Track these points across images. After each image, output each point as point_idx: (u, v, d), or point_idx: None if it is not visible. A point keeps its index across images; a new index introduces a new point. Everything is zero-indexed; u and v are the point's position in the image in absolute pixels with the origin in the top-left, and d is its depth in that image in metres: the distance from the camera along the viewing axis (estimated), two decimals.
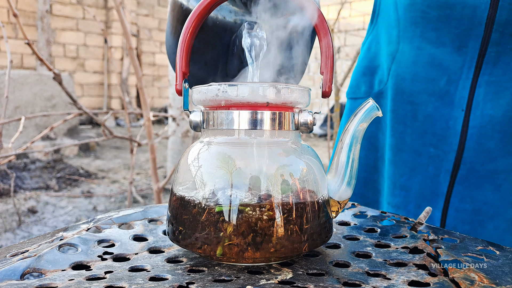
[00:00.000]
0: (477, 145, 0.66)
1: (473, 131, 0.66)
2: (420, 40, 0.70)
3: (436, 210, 0.71)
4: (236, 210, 0.41)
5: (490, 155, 0.66)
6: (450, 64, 0.67)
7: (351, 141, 0.47)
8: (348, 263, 0.45)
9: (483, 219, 0.68)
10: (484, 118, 0.65)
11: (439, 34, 0.68)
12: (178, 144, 3.67)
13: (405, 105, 0.74)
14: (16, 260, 0.42)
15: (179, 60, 0.47)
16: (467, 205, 0.68)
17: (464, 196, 0.68)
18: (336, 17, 3.13)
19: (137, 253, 0.47)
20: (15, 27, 7.90)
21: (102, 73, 9.33)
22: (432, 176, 0.71)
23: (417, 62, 0.71)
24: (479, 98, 0.66)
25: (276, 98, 0.43)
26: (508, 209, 0.66)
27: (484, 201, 0.67)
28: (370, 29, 0.85)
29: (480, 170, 0.67)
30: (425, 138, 0.72)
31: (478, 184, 0.67)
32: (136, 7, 9.57)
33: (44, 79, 4.99)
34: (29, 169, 4.09)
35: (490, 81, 0.65)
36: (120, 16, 1.64)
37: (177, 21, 0.57)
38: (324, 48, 0.45)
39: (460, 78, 0.67)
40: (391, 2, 0.77)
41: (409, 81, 0.72)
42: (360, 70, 0.85)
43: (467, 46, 0.66)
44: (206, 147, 0.45)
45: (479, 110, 0.66)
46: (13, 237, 2.66)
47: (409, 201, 0.74)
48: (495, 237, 0.67)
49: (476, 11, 0.64)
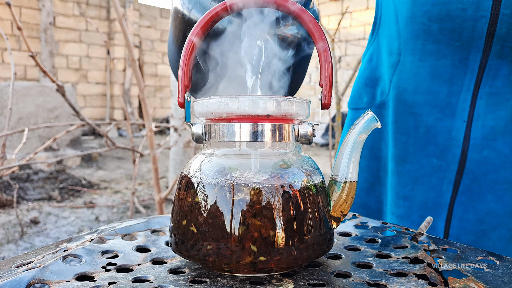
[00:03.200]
0: (479, 156, 0.67)
1: (475, 142, 0.67)
2: (421, 52, 0.71)
3: (439, 220, 0.71)
4: (237, 221, 0.41)
5: (492, 166, 0.67)
6: (451, 76, 0.68)
7: (350, 153, 0.47)
8: (349, 273, 0.45)
9: (486, 229, 0.68)
10: (485, 129, 0.66)
11: (440, 47, 0.69)
12: (180, 155, 3.68)
13: (407, 116, 0.75)
14: (21, 271, 0.43)
15: (181, 74, 0.48)
16: (470, 215, 0.69)
17: (467, 206, 0.69)
18: (337, 27, 3.15)
19: (140, 264, 0.47)
20: (18, 39, 7.97)
21: (105, 84, 9.39)
22: (435, 187, 0.72)
23: (418, 74, 0.72)
24: (480, 110, 0.66)
25: (277, 111, 0.44)
26: (510, 219, 0.66)
27: (487, 211, 0.67)
28: (371, 41, 0.86)
29: (482, 180, 0.67)
30: (427, 149, 0.72)
31: (481, 194, 0.68)
32: (139, 19, 9.66)
33: (47, 90, 5.02)
34: (32, 180, 4.10)
35: (491, 92, 0.66)
36: (123, 28, 1.66)
37: (179, 31, 0.58)
38: (323, 61, 0.45)
39: (462, 90, 0.67)
40: (392, 15, 0.77)
41: (411, 93, 0.73)
42: (362, 81, 0.86)
43: (468, 59, 0.67)
44: (208, 159, 0.46)
45: (481, 121, 0.66)
46: (15, 248, 2.66)
47: (413, 211, 0.74)
48: (498, 246, 0.68)
49: (477, 24, 0.65)
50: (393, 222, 0.78)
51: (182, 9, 0.56)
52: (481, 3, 0.64)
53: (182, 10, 0.56)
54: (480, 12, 0.64)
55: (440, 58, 0.69)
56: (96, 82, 9.28)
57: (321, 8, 5.18)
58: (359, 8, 7.81)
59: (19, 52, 7.95)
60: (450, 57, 0.68)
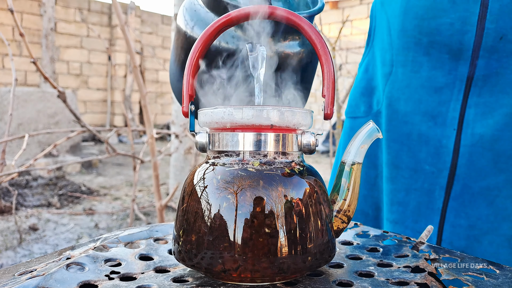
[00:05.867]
0: (469, 163, 0.69)
1: (464, 149, 0.70)
2: (413, 63, 0.74)
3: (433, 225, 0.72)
4: (241, 230, 0.42)
5: (482, 173, 0.69)
6: (441, 87, 0.71)
7: (352, 163, 0.48)
8: (351, 282, 0.45)
9: (478, 234, 0.70)
10: (474, 137, 0.69)
11: (430, 59, 0.72)
12: (180, 161, 3.68)
13: (400, 124, 0.77)
14: (25, 279, 0.43)
15: (185, 83, 0.48)
16: (462, 220, 0.71)
17: (459, 212, 0.71)
18: (338, 35, 3.17)
19: (143, 273, 0.47)
20: (19, 45, 8.00)
21: (105, 90, 9.41)
22: (428, 192, 0.74)
23: (410, 85, 0.75)
24: (469, 118, 0.69)
25: (280, 121, 0.44)
26: (501, 224, 0.68)
27: (478, 216, 0.69)
28: (367, 52, 0.89)
29: (473, 186, 0.69)
30: (419, 156, 0.74)
31: (472, 200, 0.70)
32: (140, 25, 9.70)
33: (47, 96, 5.03)
34: (31, 186, 4.10)
35: (479, 102, 0.68)
36: (125, 35, 1.67)
37: (181, 49, 0.58)
38: (326, 72, 0.46)
39: (451, 99, 0.70)
40: (385, 27, 0.80)
41: (403, 102, 0.76)
42: (359, 90, 0.88)
43: (457, 70, 0.70)
44: (211, 168, 0.46)
45: (470, 129, 0.69)
46: (13, 255, 2.65)
47: (407, 217, 0.77)
48: (490, 251, 0.69)
49: (464, 37, 0.68)
50: (388, 227, 0.80)
51: (185, 27, 0.56)
52: (468, 18, 0.67)
53: (184, 28, 0.57)
54: (466, 27, 0.68)
55: (430, 70, 0.72)
56: (97, 88, 9.30)
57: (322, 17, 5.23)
58: (359, 17, 7.86)
59: (20, 58, 7.98)
60: (440, 69, 0.71)
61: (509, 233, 0.68)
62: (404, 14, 0.75)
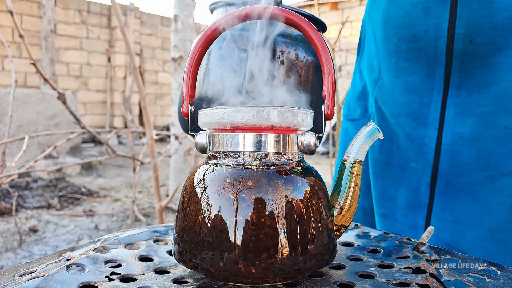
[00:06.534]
0: (450, 160, 0.73)
1: (446, 147, 0.74)
2: (395, 69, 0.79)
3: (419, 220, 0.77)
4: (241, 231, 0.42)
5: (463, 169, 0.72)
6: (422, 89, 0.76)
7: (353, 163, 0.48)
8: (352, 283, 0.45)
9: (462, 228, 0.73)
10: (454, 136, 0.73)
11: (410, 64, 0.77)
12: (180, 163, 3.68)
13: (389, 125, 0.82)
14: (25, 280, 0.43)
15: (185, 84, 0.48)
16: (448, 215, 0.74)
17: (445, 207, 0.74)
18: (337, 36, 3.17)
19: (143, 274, 0.47)
20: (19, 46, 8.00)
21: (105, 92, 9.41)
22: (415, 188, 0.78)
23: (394, 89, 0.80)
24: (449, 118, 0.73)
25: (280, 121, 0.44)
26: (484, 218, 0.71)
27: (463, 211, 0.73)
28: (358, 59, 0.94)
29: (456, 182, 0.73)
30: (407, 154, 0.79)
31: (456, 196, 0.73)
32: (140, 27, 9.71)
33: (47, 97, 5.03)
34: (31, 187, 4.10)
35: (457, 102, 0.72)
36: (125, 37, 1.67)
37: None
38: (326, 73, 0.46)
39: (431, 101, 0.75)
40: (371, 36, 0.86)
41: (390, 105, 0.81)
42: (355, 94, 0.93)
43: (434, 73, 0.74)
44: (211, 169, 0.46)
45: (450, 128, 0.73)
46: (14, 256, 2.65)
47: (396, 211, 0.82)
48: (475, 245, 0.72)
49: (437, 43, 0.73)
50: (378, 221, 0.85)
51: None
52: (440, 24, 0.72)
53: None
54: (439, 33, 0.72)
55: (411, 74, 0.77)
56: (97, 90, 9.30)
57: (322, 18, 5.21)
58: (359, 18, 7.85)
59: (20, 59, 7.98)
60: (419, 73, 0.76)
61: (492, 227, 0.70)
62: (386, 23, 0.80)
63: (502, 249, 0.70)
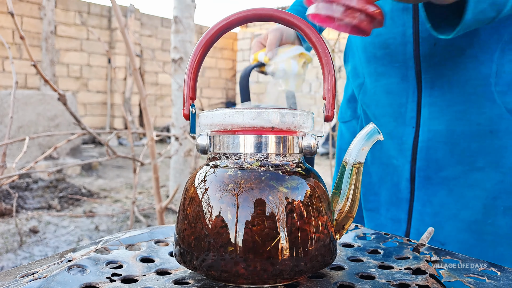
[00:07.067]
0: (427, 156, 0.78)
1: (422, 144, 0.78)
2: (375, 74, 0.84)
3: (402, 213, 0.82)
4: (241, 232, 0.42)
5: (439, 165, 0.77)
6: (399, 91, 0.81)
7: (353, 165, 0.48)
8: (353, 284, 0.45)
9: (441, 221, 0.77)
10: (430, 133, 0.77)
11: (387, 69, 0.82)
12: (180, 164, 3.68)
13: None
14: (27, 281, 0.43)
15: (186, 86, 0.48)
16: (428, 208, 0.78)
17: (425, 201, 0.79)
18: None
19: (144, 275, 0.48)
20: (19, 48, 8.01)
21: (105, 93, 9.41)
22: (397, 184, 0.83)
23: (376, 92, 0.85)
24: (425, 117, 0.77)
25: (281, 123, 0.44)
26: (461, 211, 0.75)
27: (441, 204, 0.77)
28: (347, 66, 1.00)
29: (433, 177, 0.77)
30: (389, 153, 0.84)
31: (434, 190, 0.78)
32: (140, 28, 9.71)
33: (47, 99, 5.03)
34: (31, 188, 4.10)
35: (431, 102, 0.77)
36: (125, 38, 1.67)
37: None
38: (327, 74, 0.46)
39: (408, 101, 0.79)
40: (354, 44, 0.91)
41: (373, 107, 0.86)
42: (346, 97, 0.99)
43: (408, 76, 0.79)
44: (212, 170, 0.46)
45: (426, 126, 0.77)
46: (14, 257, 2.65)
47: (381, 205, 0.87)
48: (453, 236, 0.76)
49: (406, 48, 0.78)
50: (366, 215, 0.90)
51: None
52: (405, 31, 0.77)
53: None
54: (406, 38, 0.77)
55: (388, 78, 0.82)
56: (97, 91, 9.30)
57: None
58: None
59: (20, 61, 7.99)
60: (395, 76, 0.81)
61: (468, 219, 0.74)
62: None
63: (478, 240, 0.73)
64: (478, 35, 0.71)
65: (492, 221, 0.72)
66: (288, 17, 0.48)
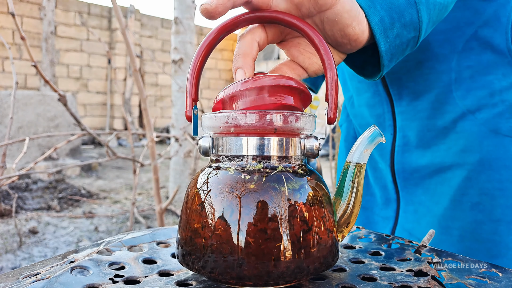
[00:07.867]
0: (403, 159, 0.84)
1: (398, 149, 0.84)
2: (357, 89, 0.92)
3: (391, 212, 0.89)
4: (244, 234, 0.42)
5: (413, 166, 0.83)
6: (375, 103, 0.88)
7: (355, 167, 0.48)
8: (354, 286, 0.45)
9: (419, 217, 0.83)
10: (405, 139, 0.83)
11: (362, 84, 0.89)
12: (180, 165, 3.68)
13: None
14: (29, 282, 0.43)
15: (189, 88, 0.48)
16: (410, 207, 0.84)
17: (407, 200, 0.85)
18: None
19: (147, 276, 0.48)
20: (19, 48, 8.01)
21: (105, 94, 9.42)
22: (384, 186, 0.90)
23: (360, 104, 0.92)
24: (399, 124, 0.84)
25: (284, 125, 0.45)
26: (433, 207, 0.80)
27: (419, 202, 0.83)
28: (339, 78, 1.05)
29: (411, 178, 0.83)
30: (375, 158, 0.91)
31: (413, 190, 0.84)
32: (140, 29, 9.72)
33: (47, 99, 5.04)
34: (31, 189, 4.10)
35: (401, 111, 0.83)
36: (126, 39, 1.68)
37: None
38: (329, 77, 0.46)
39: (384, 112, 0.86)
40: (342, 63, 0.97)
41: (359, 118, 0.95)
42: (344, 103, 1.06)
43: (379, 90, 0.85)
44: (215, 172, 0.46)
45: (401, 133, 0.84)
46: (13, 258, 2.65)
47: (375, 205, 0.94)
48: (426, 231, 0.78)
49: None
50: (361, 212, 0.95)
51: None
52: None
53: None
54: None
55: (365, 92, 0.89)
56: (97, 91, 9.31)
57: None
58: None
59: (20, 61, 7.99)
60: (370, 91, 0.87)
61: (439, 214, 0.79)
62: None
63: (446, 234, 0.78)
64: (431, 48, 0.76)
65: (459, 216, 0.77)
66: (291, 19, 0.48)
